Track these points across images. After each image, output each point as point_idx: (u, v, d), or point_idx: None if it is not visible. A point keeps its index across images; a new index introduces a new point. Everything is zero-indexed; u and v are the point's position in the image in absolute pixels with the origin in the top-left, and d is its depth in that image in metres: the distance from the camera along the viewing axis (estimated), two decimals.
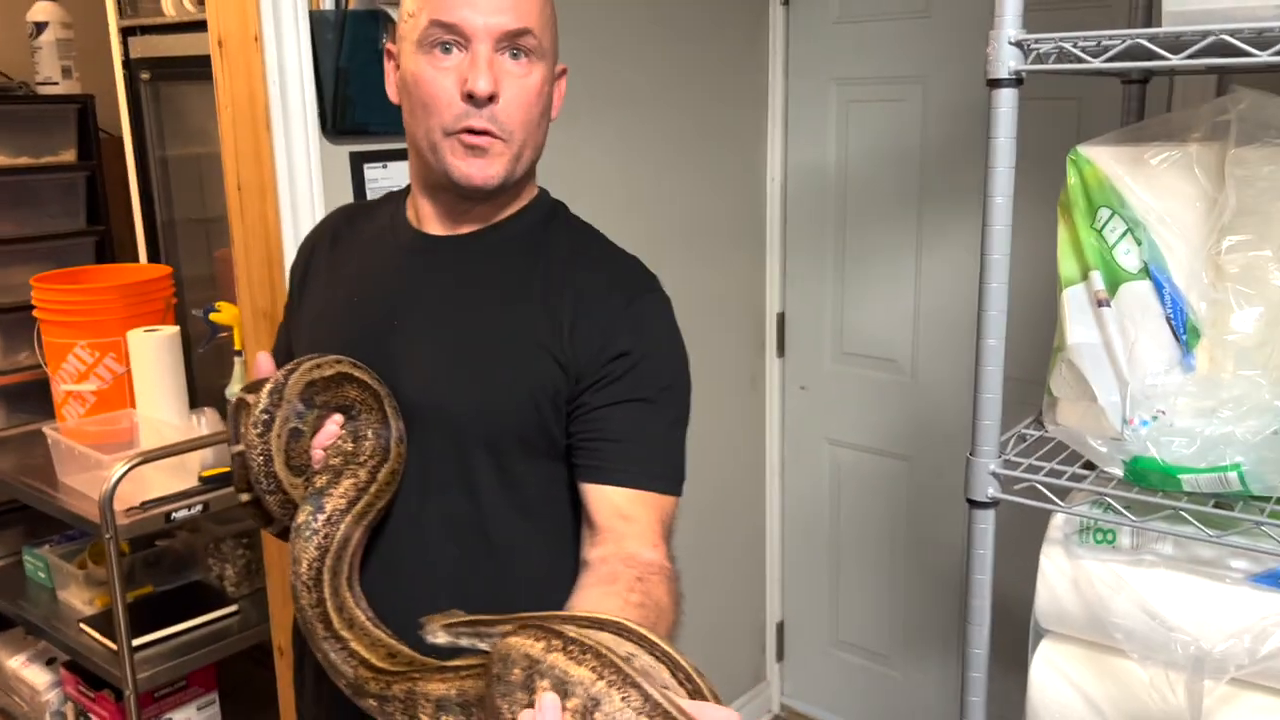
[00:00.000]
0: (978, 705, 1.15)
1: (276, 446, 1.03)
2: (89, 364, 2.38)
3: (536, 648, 0.70)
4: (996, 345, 1.08)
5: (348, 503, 0.99)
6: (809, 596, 2.68)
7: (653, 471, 1.05)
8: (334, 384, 1.03)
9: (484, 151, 1.03)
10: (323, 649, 0.94)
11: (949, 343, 2.33)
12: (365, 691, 0.86)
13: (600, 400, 1.04)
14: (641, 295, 1.08)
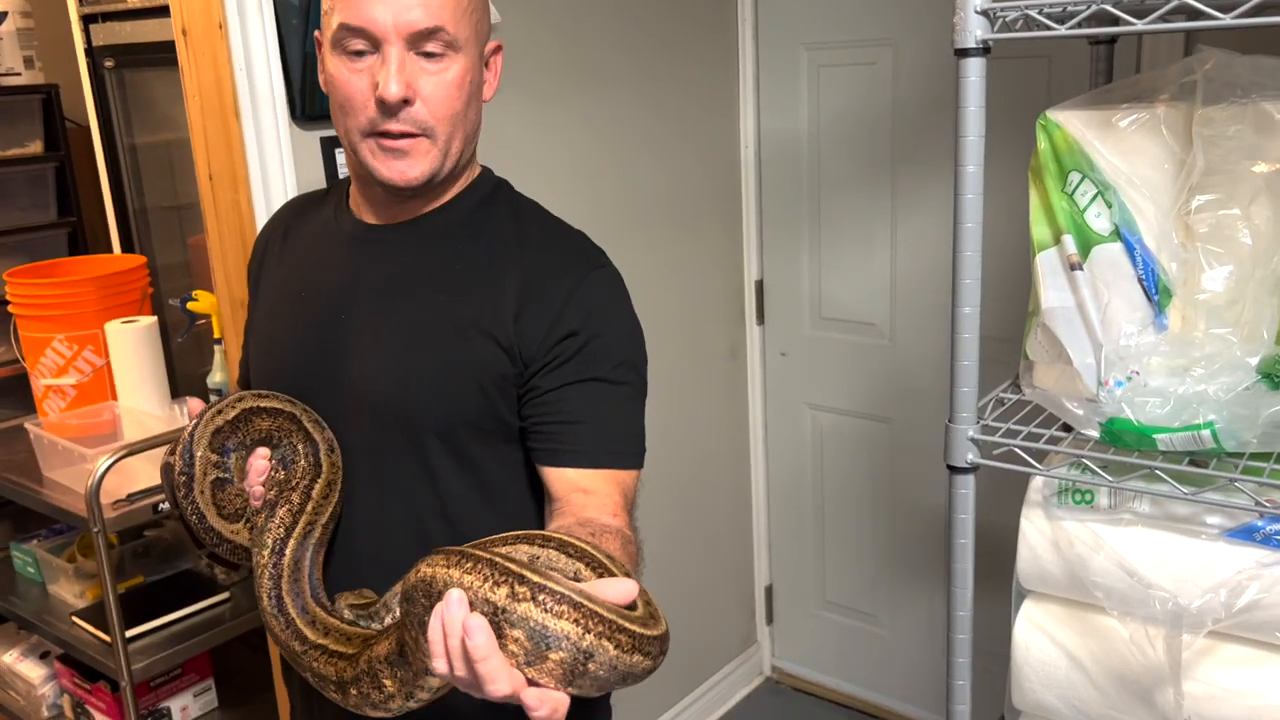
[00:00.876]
0: (963, 666, 1.17)
1: (204, 502, 1.04)
2: (68, 357, 2.37)
3: (426, 571, 0.71)
4: (971, 313, 1.10)
5: (285, 530, 1.00)
6: (796, 559, 2.71)
7: (610, 449, 1.05)
8: (240, 424, 1.04)
9: (404, 154, 1.01)
10: (304, 664, 0.94)
11: (926, 305, 2.34)
12: (345, 683, 0.87)
13: (551, 382, 1.04)
14: (588, 273, 1.07)
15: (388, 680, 0.81)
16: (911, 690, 2.56)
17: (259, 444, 1.05)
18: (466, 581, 0.68)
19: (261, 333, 1.19)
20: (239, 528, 1.05)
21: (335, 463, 1.05)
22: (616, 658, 0.68)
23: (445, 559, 0.71)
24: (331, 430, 1.08)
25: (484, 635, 0.67)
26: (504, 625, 0.67)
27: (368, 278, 1.10)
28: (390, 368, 1.06)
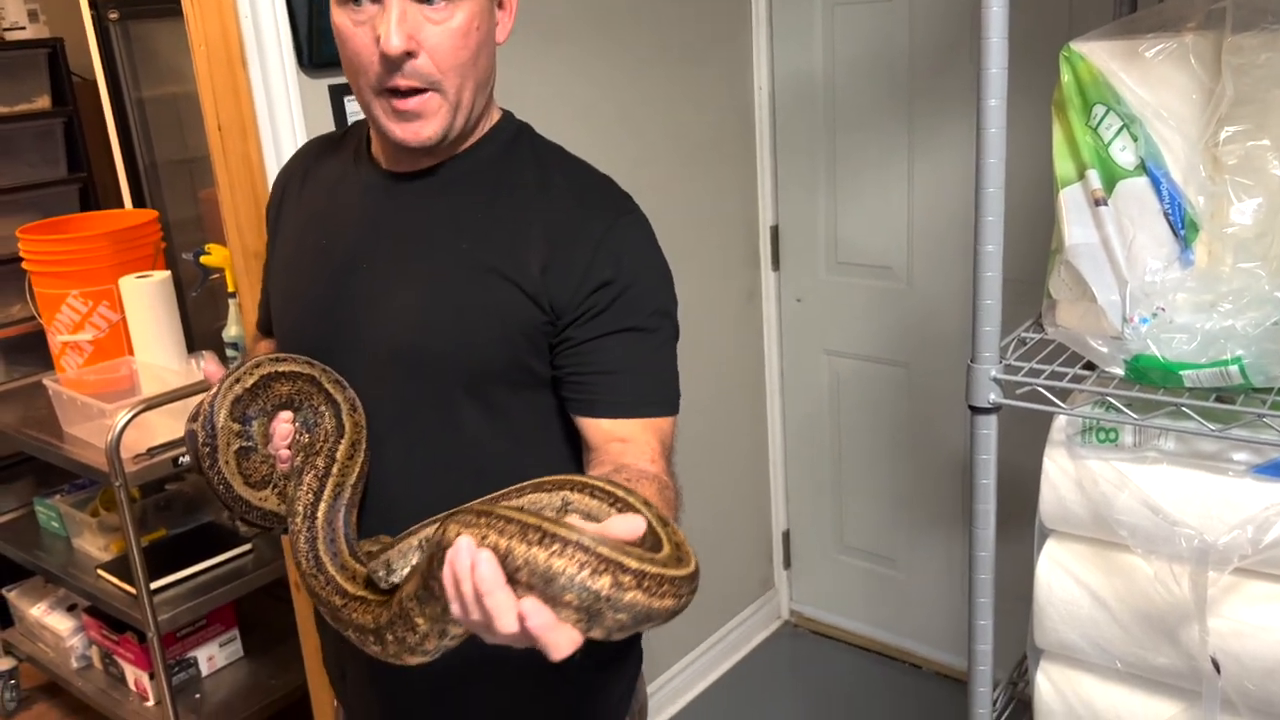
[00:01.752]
0: (985, 606, 1.17)
1: (230, 472, 1.03)
2: (83, 313, 2.37)
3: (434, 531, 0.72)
4: (994, 251, 1.08)
5: (314, 495, 0.99)
6: (813, 504, 2.72)
7: (647, 398, 1.04)
8: (259, 390, 1.03)
9: (416, 115, 0.99)
10: (345, 619, 0.94)
11: (944, 247, 2.32)
12: (381, 629, 0.87)
13: (586, 334, 1.02)
14: (618, 220, 1.04)
15: (419, 619, 0.80)
16: (930, 632, 2.58)
17: (280, 409, 1.04)
18: (477, 535, 0.69)
19: (281, 284, 1.18)
20: (266, 494, 1.05)
21: (358, 421, 1.04)
22: (632, 599, 0.68)
23: (458, 521, 0.71)
24: (356, 383, 1.07)
25: (489, 566, 0.67)
26: (514, 573, 0.68)
27: (387, 227, 1.08)
28: (413, 319, 1.04)
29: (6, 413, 2.42)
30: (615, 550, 0.68)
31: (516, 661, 1.10)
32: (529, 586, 0.67)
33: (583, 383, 1.04)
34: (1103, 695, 1.13)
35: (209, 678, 2.34)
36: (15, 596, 2.59)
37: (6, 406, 2.46)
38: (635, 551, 0.69)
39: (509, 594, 0.68)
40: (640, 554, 0.70)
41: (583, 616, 0.68)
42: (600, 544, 0.67)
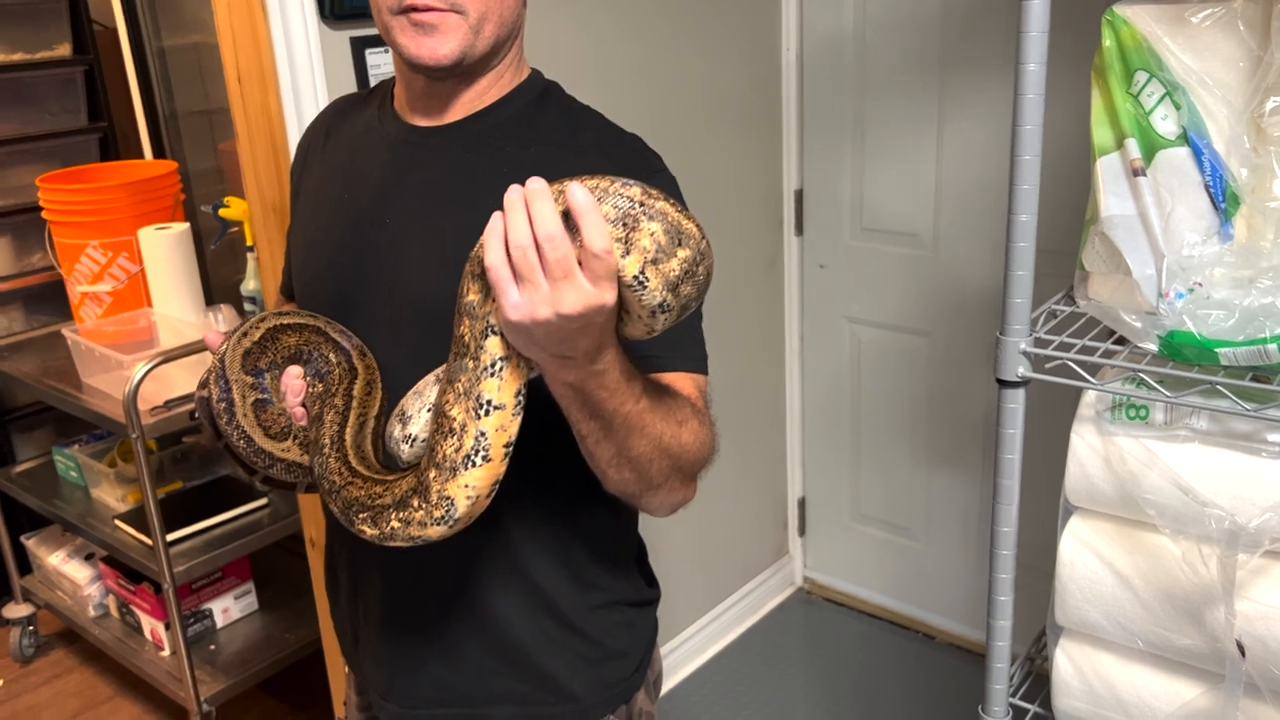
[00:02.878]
0: (1006, 582, 1.16)
1: (249, 425, 1.02)
2: (102, 264, 2.37)
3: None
4: (1029, 221, 1.05)
5: (338, 426, 0.98)
6: (830, 473, 2.70)
7: (678, 354, 1.02)
8: (268, 343, 1.02)
9: (434, 28, 0.97)
10: (389, 500, 0.89)
11: (972, 215, 2.28)
12: (422, 475, 0.84)
13: None
14: (648, 178, 1.01)
15: (453, 410, 0.81)
16: (944, 603, 2.57)
17: (289, 362, 1.03)
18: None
19: (303, 238, 1.16)
20: (289, 445, 1.04)
21: (370, 364, 1.03)
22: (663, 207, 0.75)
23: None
24: (375, 338, 1.06)
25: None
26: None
27: (411, 181, 1.06)
28: (435, 275, 1.02)
29: (26, 362, 2.42)
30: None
31: (533, 632, 1.10)
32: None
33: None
34: (1122, 674, 1.11)
35: (224, 630, 2.36)
36: (34, 544, 2.61)
37: (26, 356, 2.47)
38: None
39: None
40: None
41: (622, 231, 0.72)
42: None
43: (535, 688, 1.10)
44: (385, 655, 1.13)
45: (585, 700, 1.12)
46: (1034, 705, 1.21)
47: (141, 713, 2.44)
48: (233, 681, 2.19)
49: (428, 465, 0.84)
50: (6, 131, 2.77)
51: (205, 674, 2.20)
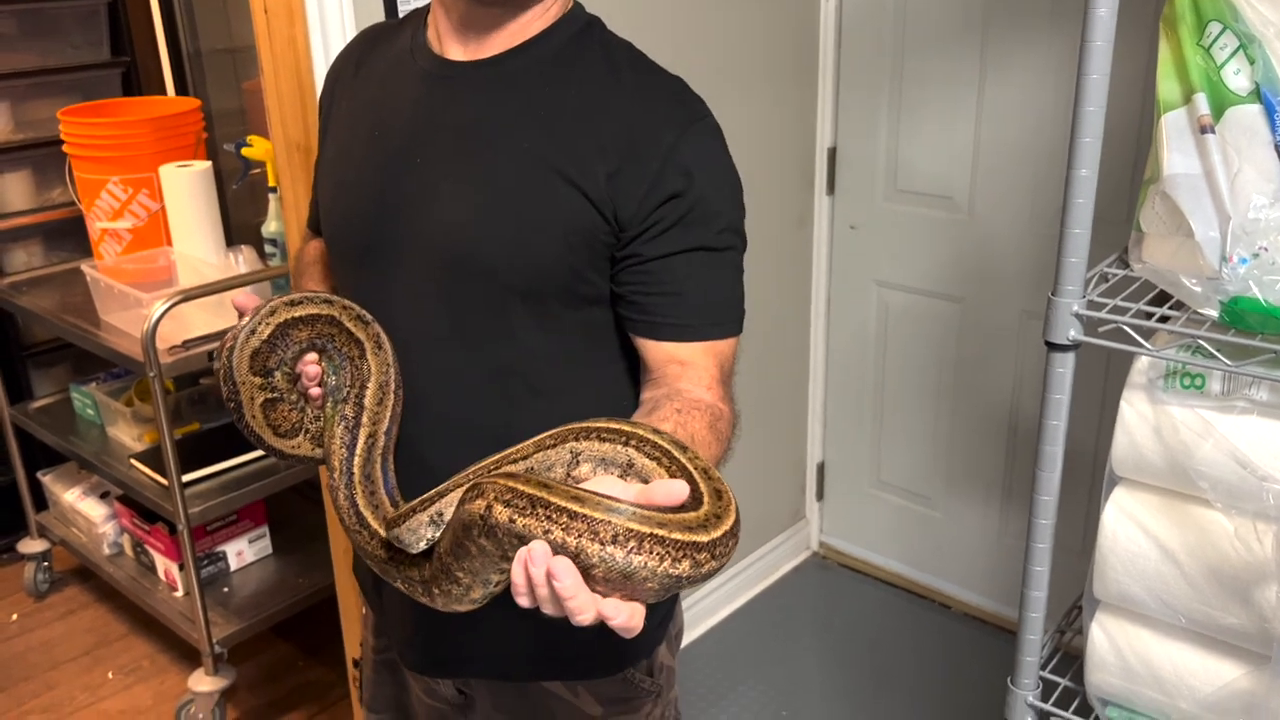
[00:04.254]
0: (1043, 552, 1.12)
1: (258, 425, 1.00)
2: (123, 200, 2.34)
3: (474, 507, 0.72)
4: (1088, 176, 1.00)
5: (347, 449, 0.97)
6: (851, 438, 2.67)
7: (711, 320, 0.99)
8: (277, 341, 0.98)
9: None
10: (394, 574, 0.92)
11: (1009, 179, 2.22)
12: (427, 581, 0.86)
13: (652, 251, 0.96)
14: (690, 125, 0.97)
15: (459, 573, 0.79)
16: (962, 573, 2.54)
17: (303, 353, 1.00)
18: (538, 529, 0.68)
19: (331, 176, 1.12)
20: (299, 441, 1.03)
21: (384, 360, 1.00)
22: (709, 570, 0.68)
23: (495, 493, 0.70)
24: (405, 285, 1.02)
25: (571, 577, 0.66)
26: (588, 570, 0.67)
27: (444, 119, 1.01)
28: (468, 219, 0.98)
29: (45, 298, 2.40)
30: (686, 530, 0.67)
31: None
32: (605, 579, 0.67)
33: (645, 304, 0.98)
34: (1161, 652, 1.08)
35: (237, 572, 2.35)
36: (50, 480, 2.61)
37: (45, 291, 2.45)
38: (696, 519, 0.68)
39: (590, 595, 0.67)
40: (702, 518, 0.68)
41: (662, 594, 0.68)
42: (672, 528, 0.67)
43: (558, 642, 1.08)
44: (409, 608, 1.11)
45: (608, 655, 1.10)
46: (1064, 679, 1.18)
47: (154, 651, 2.45)
48: (245, 624, 2.19)
49: (441, 580, 0.83)
50: (28, 63, 2.73)
51: (218, 615, 2.19)
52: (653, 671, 1.13)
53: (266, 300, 0.98)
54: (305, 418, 1.02)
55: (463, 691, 1.15)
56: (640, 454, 0.76)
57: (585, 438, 0.78)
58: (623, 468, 0.77)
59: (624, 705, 1.11)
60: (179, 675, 2.34)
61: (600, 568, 0.66)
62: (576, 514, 0.66)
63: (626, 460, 0.77)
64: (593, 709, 1.10)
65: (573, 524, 0.66)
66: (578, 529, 0.66)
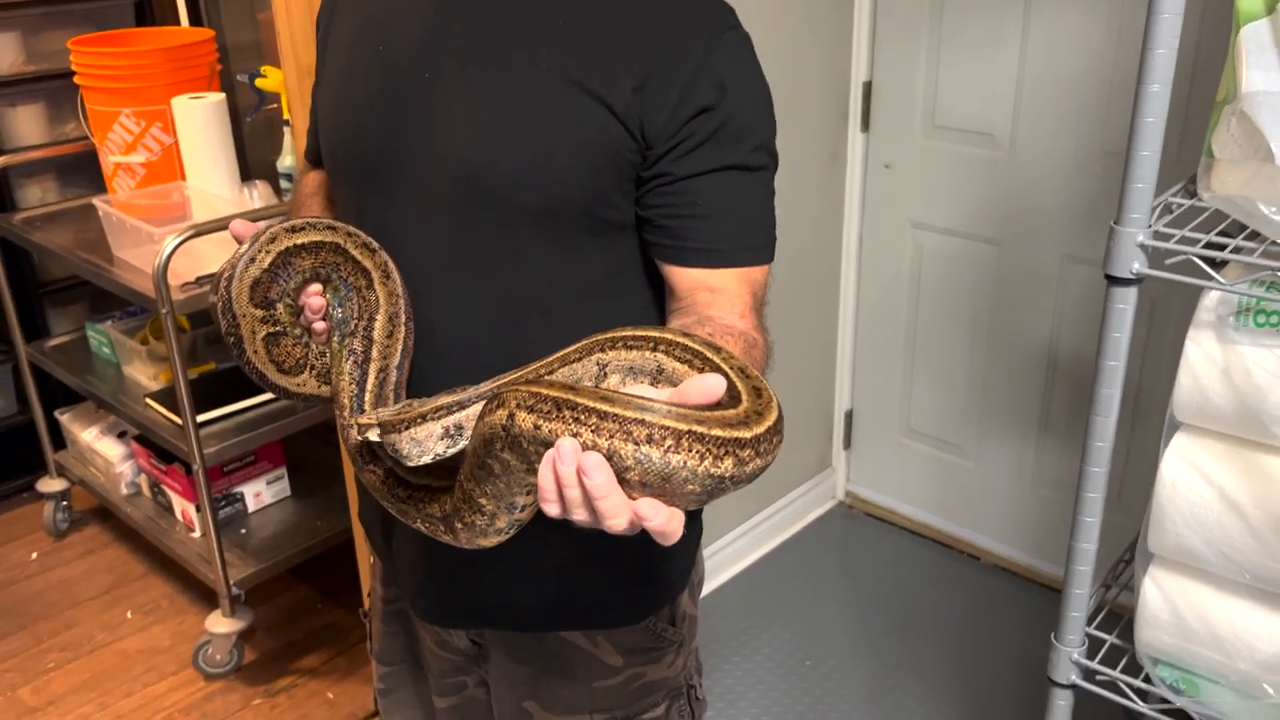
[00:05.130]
0: (1094, 503, 1.05)
1: (260, 361, 0.94)
2: (135, 134, 2.28)
3: (496, 417, 0.66)
4: (1160, 92, 0.91)
5: (357, 385, 0.91)
6: (881, 385, 2.59)
7: (743, 245, 0.92)
8: (279, 270, 0.91)
9: None
10: (413, 514, 0.87)
11: (1054, 116, 2.11)
12: (449, 516, 0.80)
13: (681, 170, 0.89)
14: (722, 33, 0.90)
15: (482, 499, 0.74)
16: (992, 524, 2.47)
17: (305, 284, 0.93)
18: (566, 431, 0.62)
19: (331, 96, 1.04)
20: (304, 379, 0.96)
21: (393, 290, 0.93)
22: (754, 468, 0.62)
23: (517, 400, 0.65)
24: (412, 208, 0.95)
25: (604, 474, 0.61)
26: (623, 474, 0.62)
27: (455, 28, 0.93)
28: (480, 135, 0.91)
29: (59, 234, 2.36)
30: (726, 427, 0.61)
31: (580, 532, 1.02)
32: (642, 484, 0.61)
33: (673, 228, 0.91)
34: (1220, 609, 1.01)
35: (255, 514, 2.32)
36: (68, 420, 2.58)
37: (59, 227, 2.40)
38: (737, 415, 0.62)
39: (623, 496, 0.62)
40: (742, 415, 0.62)
41: (703, 499, 0.62)
42: (710, 424, 0.61)
43: (578, 590, 1.03)
44: (420, 555, 1.05)
45: (629, 603, 1.05)
46: (1111, 636, 1.12)
47: (173, 592, 2.43)
48: (263, 566, 2.16)
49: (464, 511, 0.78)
50: None
51: (235, 557, 2.16)
52: (675, 620, 1.08)
53: (266, 227, 0.91)
54: (310, 353, 0.96)
55: (476, 642, 1.10)
56: (670, 358, 0.70)
57: (611, 348, 0.73)
58: (652, 374, 0.72)
59: (645, 656, 1.06)
60: (197, 616, 2.33)
61: (636, 470, 0.60)
62: (607, 414, 0.61)
63: (656, 366, 0.71)
64: (613, 660, 1.05)
65: (604, 425, 0.61)
66: (609, 429, 0.60)
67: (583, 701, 1.06)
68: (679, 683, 1.10)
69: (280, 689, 2.15)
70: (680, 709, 1.10)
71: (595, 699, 1.06)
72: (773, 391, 0.66)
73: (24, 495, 2.76)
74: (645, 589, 1.05)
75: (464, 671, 1.14)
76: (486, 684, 1.13)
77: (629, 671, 1.06)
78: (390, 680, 1.23)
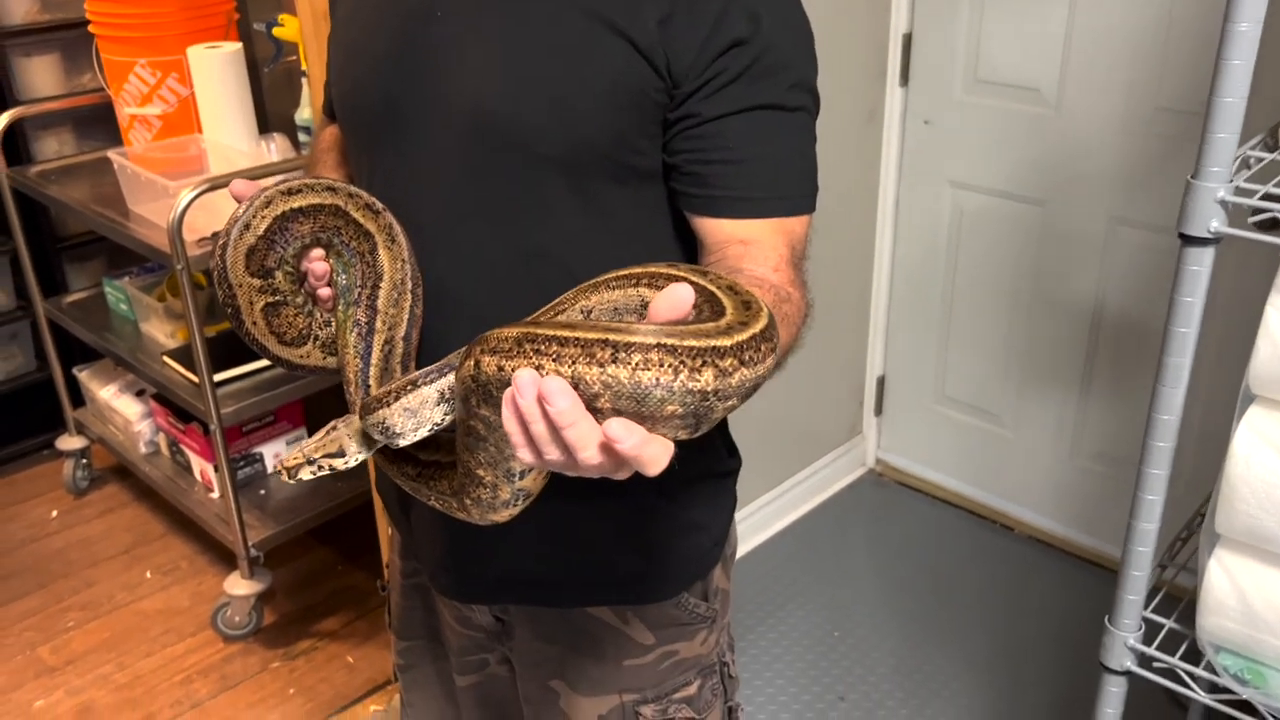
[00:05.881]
0: (1158, 479, 0.98)
1: (260, 334, 0.87)
2: (151, 85, 2.22)
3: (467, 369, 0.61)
4: (1250, 32, 0.83)
5: (362, 359, 0.86)
6: (915, 350, 2.52)
7: (779, 194, 0.85)
8: (275, 235, 0.83)
9: None
10: (425, 491, 0.82)
11: (1105, 70, 2.01)
12: (459, 493, 0.75)
13: (712, 110, 0.82)
14: None
15: (479, 469, 0.68)
16: (1028, 494, 2.40)
17: (305, 250, 0.86)
18: (508, 369, 0.57)
19: (341, 42, 0.98)
20: (307, 350, 0.90)
21: (398, 255, 0.87)
22: (740, 380, 0.55)
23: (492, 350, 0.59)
24: (427, 155, 0.89)
25: (565, 397, 0.55)
26: (592, 401, 0.56)
27: None
28: (497, 77, 0.84)
29: (75, 187, 2.31)
30: (701, 337, 0.55)
31: (613, 508, 0.96)
32: (615, 411, 0.55)
33: (703, 174, 0.84)
34: None
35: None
36: (86, 377, 2.55)
37: (75, 180, 2.35)
38: (715, 327, 0.56)
39: (591, 422, 0.55)
40: (723, 326, 0.56)
41: (688, 421, 0.56)
42: (683, 335, 0.54)
43: (608, 564, 0.97)
44: (439, 528, 1.00)
45: (662, 577, 0.99)
46: (1169, 620, 1.05)
47: (192, 553, 2.41)
48: (282, 527, 2.13)
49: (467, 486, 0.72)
50: None
51: (254, 518, 2.13)
52: (708, 595, 1.03)
53: (261, 190, 0.84)
54: (314, 322, 0.89)
55: (500, 618, 1.05)
56: (654, 289, 0.64)
57: (594, 292, 0.67)
58: (637, 311, 0.66)
59: (677, 633, 1.01)
60: (217, 577, 2.30)
61: (605, 395, 0.54)
62: (568, 339, 0.55)
63: (640, 301, 0.65)
64: (644, 637, 1.00)
65: (564, 351, 0.55)
66: (571, 355, 0.55)
67: (611, 681, 1.01)
68: (711, 660, 1.04)
69: (299, 652, 2.12)
70: (713, 687, 1.05)
71: (625, 678, 1.01)
72: (765, 305, 0.60)
73: (44, 453, 2.74)
74: (678, 562, 1.00)
75: (485, 649, 1.09)
76: (509, 661, 1.08)
77: (661, 649, 1.00)
78: (409, 656, 1.18)
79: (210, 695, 2.02)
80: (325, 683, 2.05)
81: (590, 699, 1.02)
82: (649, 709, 1.01)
